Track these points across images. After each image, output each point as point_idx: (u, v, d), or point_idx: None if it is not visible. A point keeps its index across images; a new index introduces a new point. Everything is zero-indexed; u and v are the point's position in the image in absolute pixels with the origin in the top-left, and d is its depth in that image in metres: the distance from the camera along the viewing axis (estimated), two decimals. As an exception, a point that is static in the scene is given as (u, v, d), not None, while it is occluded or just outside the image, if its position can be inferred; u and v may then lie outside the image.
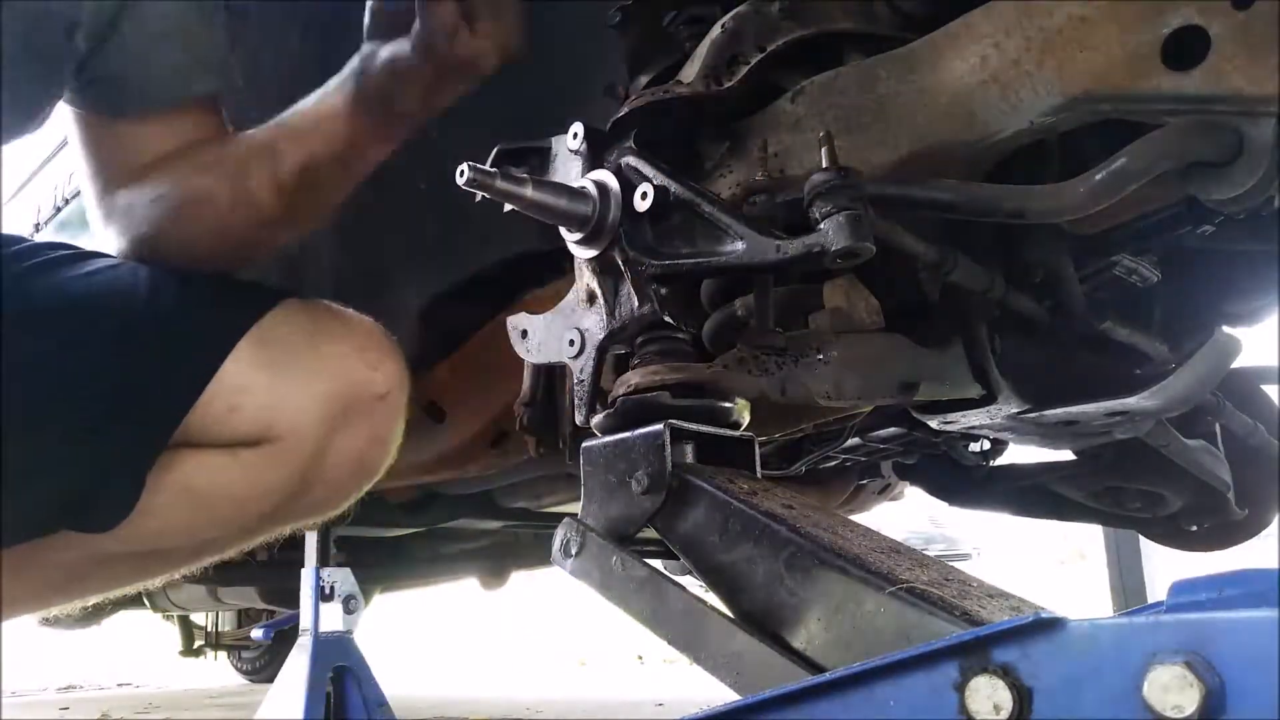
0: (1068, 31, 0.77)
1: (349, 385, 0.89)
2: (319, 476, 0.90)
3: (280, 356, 0.86)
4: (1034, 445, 1.30)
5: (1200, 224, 1.03)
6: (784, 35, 0.93)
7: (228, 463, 0.85)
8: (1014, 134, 0.80)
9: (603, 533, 0.84)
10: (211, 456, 0.85)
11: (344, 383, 0.89)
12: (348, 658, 1.92)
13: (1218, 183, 0.73)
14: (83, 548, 0.85)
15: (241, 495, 0.87)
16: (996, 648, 0.50)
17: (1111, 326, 1.07)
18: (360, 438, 0.91)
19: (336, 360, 0.89)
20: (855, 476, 2.10)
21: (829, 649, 0.67)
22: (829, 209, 0.75)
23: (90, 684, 5.11)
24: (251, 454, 0.85)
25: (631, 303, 0.89)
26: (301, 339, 0.88)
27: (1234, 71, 0.69)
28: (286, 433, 0.86)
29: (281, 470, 0.87)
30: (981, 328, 1.01)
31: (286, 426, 0.86)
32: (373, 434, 0.92)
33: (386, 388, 0.92)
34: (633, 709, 2.92)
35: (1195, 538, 1.51)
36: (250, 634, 4.12)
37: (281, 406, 0.86)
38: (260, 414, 0.85)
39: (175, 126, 0.93)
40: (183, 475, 0.85)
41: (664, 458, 0.82)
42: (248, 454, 0.85)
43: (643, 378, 0.89)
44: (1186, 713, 0.43)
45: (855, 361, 0.90)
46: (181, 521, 0.87)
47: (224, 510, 0.88)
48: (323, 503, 0.94)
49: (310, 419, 0.87)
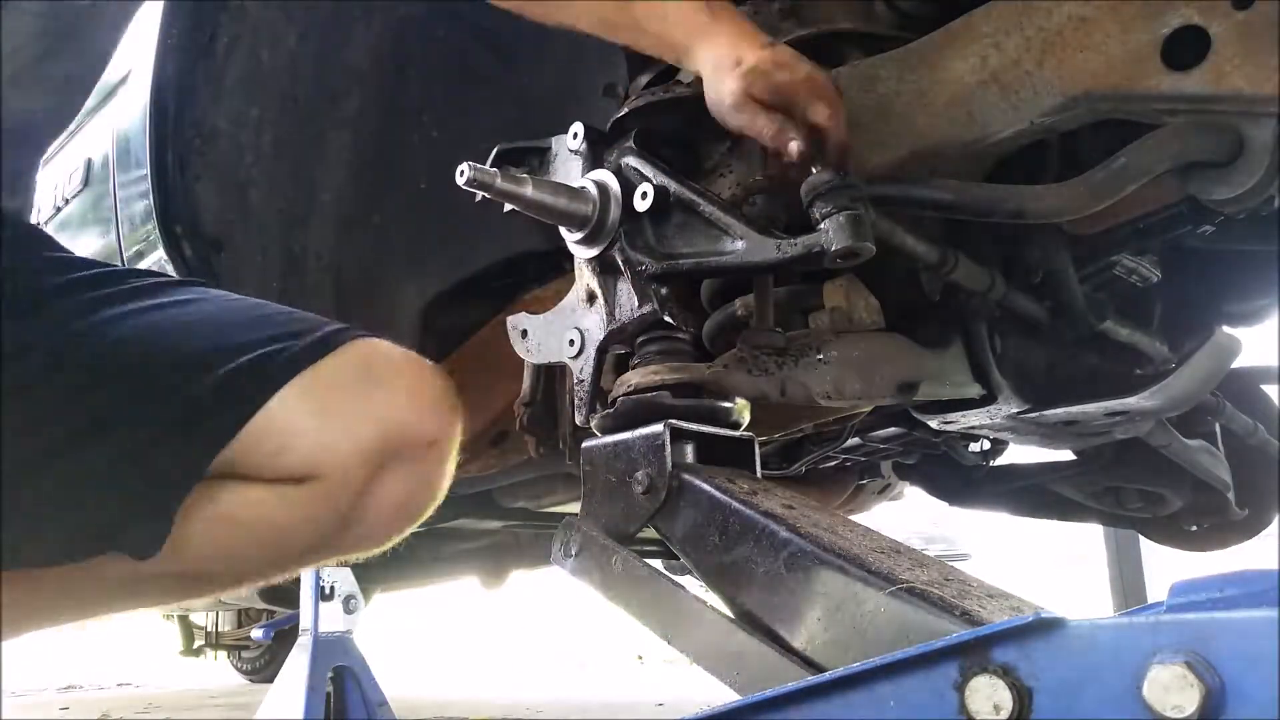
0: (1068, 32, 0.77)
1: (397, 430, 0.88)
2: (361, 517, 0.90)
3: (331, 399, 0.87)
4: (1034, 445, 1.30)
5: (1200, 224, 1.03)
6: (784, 35, 0.93)
7: (273, 498, 0.87)
8: (1014, 134, 0.80)
9: (603, 533, 0.84)
10: (258, 491, 0.87)
11: (392, 428, 0.88)
12: (348, 658, 1.92)
13: (1218, 183, 0.73)
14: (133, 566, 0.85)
15: (284, 529, 0.88)
16: (996, 648, 0.50)
17: (1111, 326, 1.07)
18: (406, 483, 0.91)
19: (386, 405, 0.88)
20: (855, 476, 2.10)
21: (829, 649, 0.66)
22: (829, 209, 0.75)
23: (90, 684, 5.11)
24: (296, 491, 0.86)
25: (631, 303, 0.89)
26: (353, 381, 0.89)
27: (1234, 71, 0.69)
28: (331, 473, 0.86)
29: (324, 509, 0.88)
30: (981, 328, 1.01)
31: (332, 467, 0.86)
32: (419, 480, 0.92)
33: (435, 435, 0.91)
34: (633, 709, 2.92)
35: (1195, 538, 1.51)
36: (250, 634, 4.13)
37: (329, 448, 0.86)
38: (307, 455, 0.86)
39: None
40: (229, 507, 0.86)
41: (664, 458, 0.82)
42: (293, 491, 0.86)
43: (643, 378, 0.89)
44: (1186, 713, 0.43)
45: (855, 361, 0.90)
46: (225, 549, 0.89)
47: (267, 542, 0.90)
48: (363, 541, 0.95)
49: (356, 462, 0.87)
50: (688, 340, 0.93)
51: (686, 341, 0.93)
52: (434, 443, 0.91)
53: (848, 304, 0.95)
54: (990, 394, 1.01)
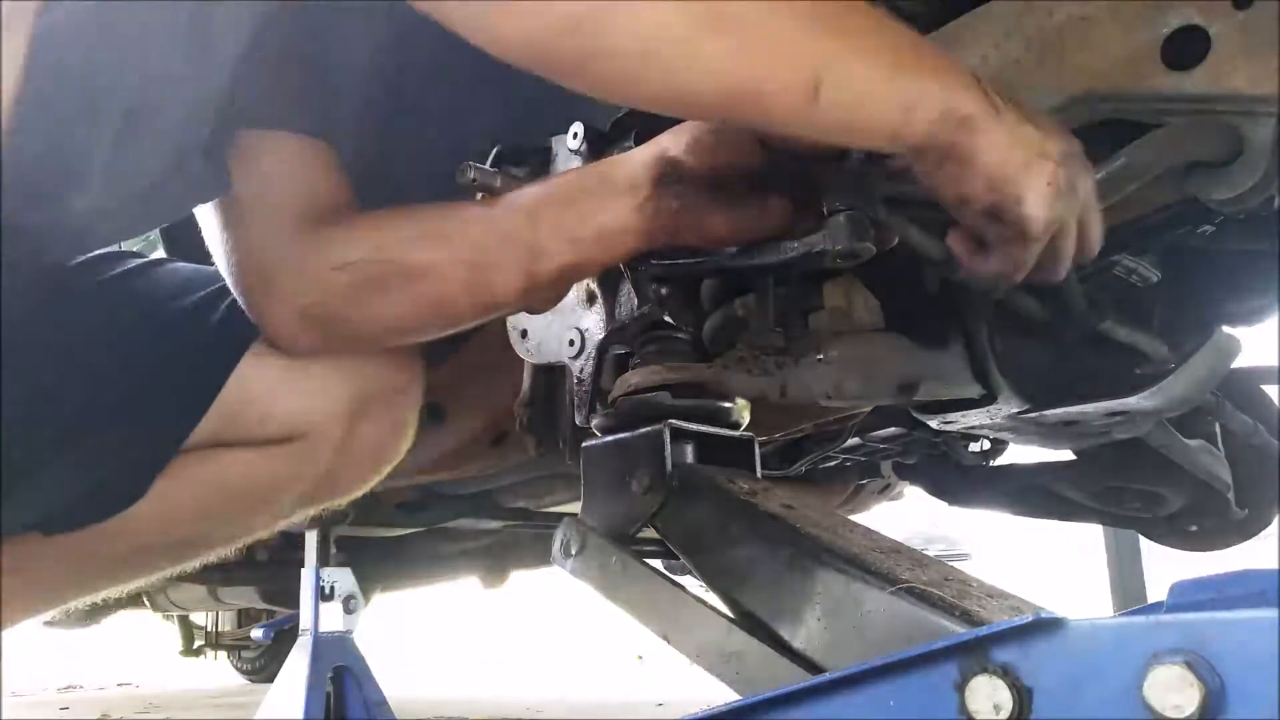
0: (1068, 31, 0.77)
1: (370, 381, 0.94)
2: (344, 464, 0.96)
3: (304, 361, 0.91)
4: (1034, 445, 1.30)
5: (1200, 224, 1.03)
6: (784, 35, 0.92)
7: (260, 459, 0.92)
8: (1014, 134, 0.80)
9: (603, 533, 0.84)
10: (244, 454, 0.91)
11: (365, 379, 0.94)
12: (348, 658, 1.91)
13: (1218, 183, 0.73)
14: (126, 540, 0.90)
15: (272, 487, 0.94)
16: (996, 648, 0.50)
17: (1111, 326, 1.07)
18: (380, 429, 0.97)
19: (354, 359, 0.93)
20: (855, 476, 2.10)
21: (829, 649, 0.67)
22: (837, 205, 0.75)
23: (90, 684, 5.11)
24: (281, 450, 0.91)
25: (631, 303, 0.89)
26: None
27: (1234, 71, 0.69)
28: (313, 430, 0.92)
29: (308, 464, 0.93)
30: (981, 328, 1.01)
31: (313, 425, 0.92)
32: (392, 424, 0.98)
33: (403, 382, 0.97)
34: (633, 709, 2.92)
35: (1195, 538, 1.51)
36: (250, 634, 4.12)
37: (308, 408, 0.91)
38: (289, 418, 0.91)
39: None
40: (217, 471, 0.91)
41: (664, 458, 0.82)
42: (278, 450, 0.91)
43: (643, 378, 0.89)
44: (1186, 713, 0.43)
45: (855, 361, 0.90)
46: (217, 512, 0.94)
47: (256, 500, 0.95)
48: (345, 488, 1.01)
49: (335, 416, 0.92)
50: (688, 340, 0.93)
51: (686, 341, 0.93)
52: (402, 388, 0.97)
53: (848, 304, 0.95)
54: (990, 394, 1.01)
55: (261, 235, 0.86)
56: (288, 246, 0.86)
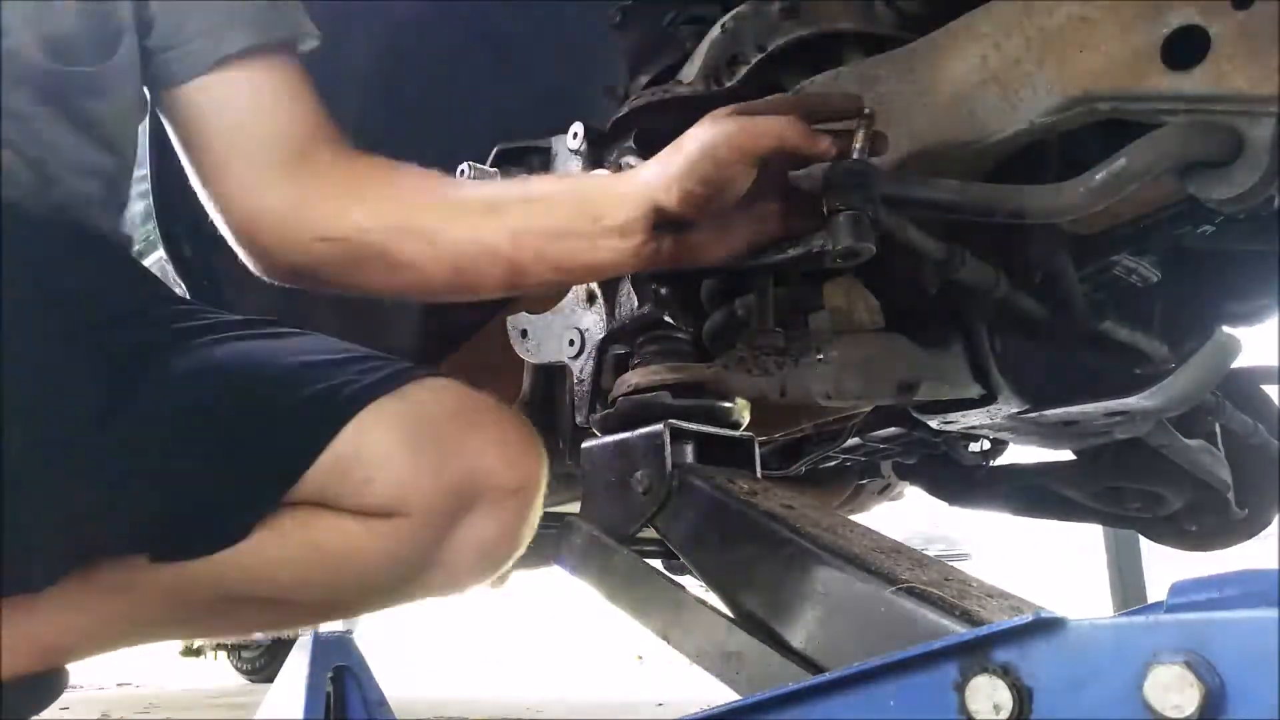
0: (1068, 31, 0.77)
1: (484, 474, 0.88)
2: (443, 559, 0.91)
3: (423, 437, 0.87)
4: (1034, 445, 1.30)
5: (1200, 224, 1.03)
6: (784, 35, 0.93)
7: (360, 529, 0.87)
8: (1014, 134, 0.80)
9: (603, 533, 0.84)
10: (344, 521, 0.88)
11: (480, 472, 0.88)
12: (348, 658, 1.91)
13: (1218, 183, 0.73)
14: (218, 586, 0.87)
15: (369, 562, 0.89)
16: (996, 648, 0.50)
17: (1111, 326, 1.07)
18: (489, 528, 0.91)
19: (475, 448, 0.88)
20: (855, 476, 2.10)
21: (829, 649, 0.67)
22: (838, 204, 0.75)
23: (90, 684, 5.11)
24: (381, 524, 0.87)
25: (631, 302, 0.89)
26: (447, 423, 0.89)
27: (1234, 71, 0.69)
28: (416, 511, 0.87)
29: (408, 545, 0.88)
30: (981, 327, 1.01)
31: (417, 505, 0.87)
32: (502, 527, 0.91)
33: (521, 484, 0.90)
34: (633, 709, 2.92)
35: (1195, 538, 1.51)
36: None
37: (415, 485, 0.86)
38: (394, 489, 0.86)
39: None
40: (315, 533, 0.88)
41: (664, 458, 0.82)
42: (378, 524, 0.87)
43: (643, 378, 0.89)
44: (1186, 713, 0.43)
45: (855, 361, 0.90)
46: (309, 576, 0.90)
47: (352, 573, 0.91)
48: (445, 584, 0.95)
49: (440, 500, 0.87)
50: (688, 340, 0.94)
51: (686, 341, 0.93)
52: (519, 490, 0.90)
53: (848, 304, 0.95)
54: (990, 394, 1.01)
55: (240, 188, 0.87)
56: (269, 198, 0.86)
